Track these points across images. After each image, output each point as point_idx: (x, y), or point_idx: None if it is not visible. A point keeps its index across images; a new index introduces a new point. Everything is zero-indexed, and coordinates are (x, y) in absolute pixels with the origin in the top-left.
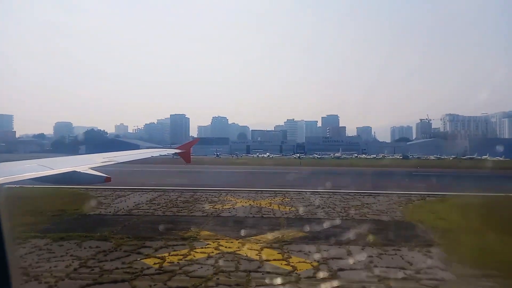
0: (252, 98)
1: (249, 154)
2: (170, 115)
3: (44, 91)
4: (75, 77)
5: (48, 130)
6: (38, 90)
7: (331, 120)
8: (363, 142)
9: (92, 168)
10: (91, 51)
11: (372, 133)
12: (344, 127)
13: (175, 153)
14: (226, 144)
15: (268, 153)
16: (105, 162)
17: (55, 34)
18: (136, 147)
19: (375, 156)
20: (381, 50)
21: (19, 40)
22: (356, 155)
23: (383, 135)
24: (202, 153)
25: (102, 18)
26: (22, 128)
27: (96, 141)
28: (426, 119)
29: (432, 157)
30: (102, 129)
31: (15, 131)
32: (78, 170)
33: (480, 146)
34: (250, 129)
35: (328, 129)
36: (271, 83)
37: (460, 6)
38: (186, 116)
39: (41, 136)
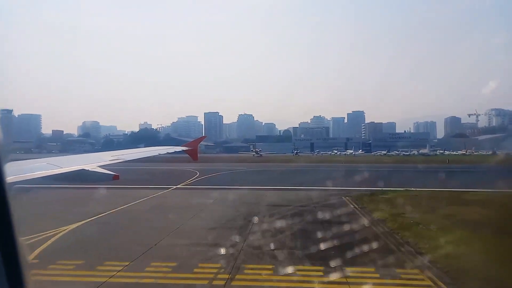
0: (272, 95)
1: (313, 151)
2: (204, 113)
3: (65, 92)
4: (93, 78)
5: (71, 129)
6: (60, 90)
7: (357, 116)
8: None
9: (101, 166)
10: (109, 53)
11: (407, 129)
12: (381, 123)
13: (183, 150)
14: (288, 142)
15: (350, 151)
16: (113, 160)
17: (75, 38)
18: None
19: (464, 152)
20: (402, 46)
21: (42, 42)
22: (441, 151)
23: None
24: (275, 150)
25: (118, 20)
26: (48, 128)
27: (151, 139)
28: (474, 114)
29: None
30: (155, 128)
31: (62, 131)
32: (87, 168)
33: None
34: (290, 127)
35: (364, 125)
36: (287, 80)
37: None
38: (219, 114)
39: (87, 135)
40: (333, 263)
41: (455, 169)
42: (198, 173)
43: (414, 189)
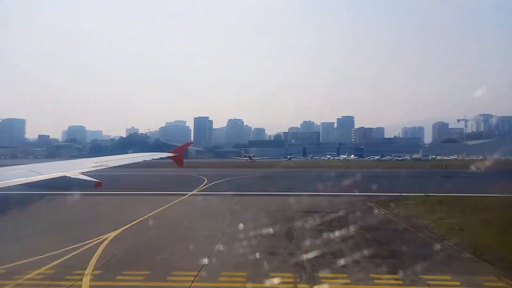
0: (261, 100)
1: (306, 156)
2: (194, 117)
3: (47, 95)
4: (78, 82)
5: (55, 134)
6: (43, 93)
7: (347, 121)
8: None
9: (83, 173)
10: (94, 53)
11: (396, 134)
12: (371, 129)
13: (168, 157)
14: (280, 147)
15: (344, 156)
16: (97, 166)
17: (60, 37)
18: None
19: (456, 157)
20: (389, 53)
21: (25, 44)
22: (433, 156)
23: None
24: (267, 155)
25: (105, 20)
26: (32, 132)
27: (141, 144)
28: (463, 119)
29: None
30: (142, 133)
31: (48, 135)
32: (69, 175)
33: None
34: (272, 132)
35: (354, 130)
36: (277, 85)
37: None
38: (209, 119)
39: (73, 140)
40: (405, 271)
41: (458, 174)
42: (206, 180)
43: (434, 194)
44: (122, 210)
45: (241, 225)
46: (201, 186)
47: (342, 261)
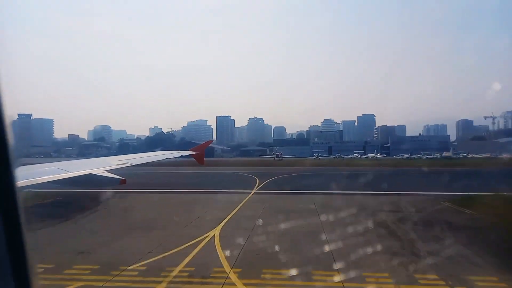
0: (279, 99)
1: (334, 155)
2: (216, 116)
3: (74, 96)
4: (102, 82)
5: (82, 134)
6: (69, 94)
7: (368, 119)
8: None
9: (108, 171)
10: (116, 58)
11: (417, 132)
12: (394, 127)
13: (189, 154)
14: (304, 145)
15: (372, 154)
16: (121, 164)
17: (84, 42)
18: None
19: (489, 155)
20: (408, 48)
21: (48, 47)
22: (465, 154)
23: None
24: (292, 154)
25: (116, 23)
26: (59, 132)
27: (167, 143)
28: (491, 116)
29: None
30: (165, 132)
31: (78, 135)
32: (94, 173)
33: None
34: (306, 131)
35: (376, 129)
36: (295, 84)
37: None
38: (231, 118)
39: (102, 139)
40: None
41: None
42: (256, 178)
43: (503, 193)
44: (202, 208)
45: (333, 225)
46: (257, 184)
47: (478, 261)
